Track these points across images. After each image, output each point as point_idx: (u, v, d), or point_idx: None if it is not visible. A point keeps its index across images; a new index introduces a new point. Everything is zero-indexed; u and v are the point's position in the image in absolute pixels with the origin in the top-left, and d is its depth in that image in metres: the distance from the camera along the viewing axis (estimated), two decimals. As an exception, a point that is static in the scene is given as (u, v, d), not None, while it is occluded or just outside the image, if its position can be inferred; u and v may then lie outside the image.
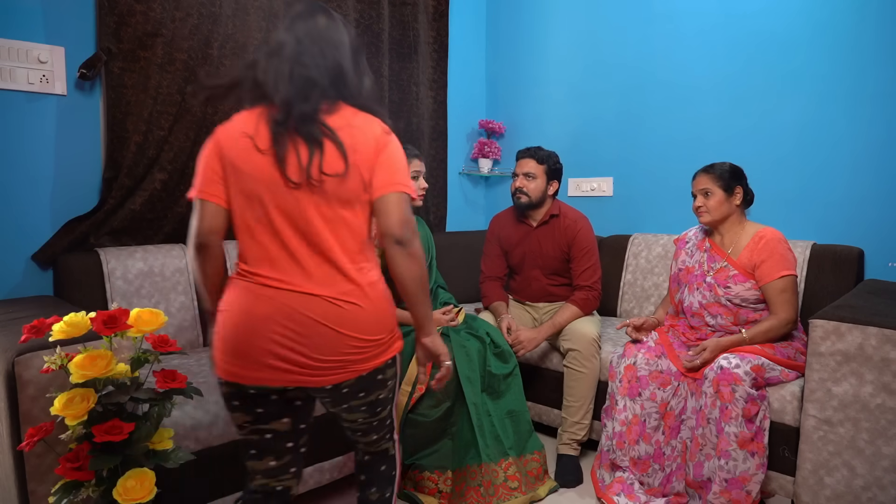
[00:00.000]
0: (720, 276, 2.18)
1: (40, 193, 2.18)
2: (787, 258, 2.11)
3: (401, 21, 3.17)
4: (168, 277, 2.29)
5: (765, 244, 2.12)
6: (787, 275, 2.08)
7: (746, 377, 1.93)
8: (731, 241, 2.21)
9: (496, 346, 2.29)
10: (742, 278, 2.14)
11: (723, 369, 1.96)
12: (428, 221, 3.42)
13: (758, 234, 2.16)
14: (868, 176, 2.43)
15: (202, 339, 2.35)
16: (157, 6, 2.25)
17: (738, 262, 2.17)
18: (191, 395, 1.47)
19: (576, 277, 2.57)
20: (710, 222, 2.23)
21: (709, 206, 2.20)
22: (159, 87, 2.30)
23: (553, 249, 2.60)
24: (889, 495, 1.75)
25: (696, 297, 2.24)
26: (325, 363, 1.26)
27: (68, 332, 1.36)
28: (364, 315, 1.28)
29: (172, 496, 1.58)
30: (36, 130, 2.16)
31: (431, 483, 2.12)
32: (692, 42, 2.89)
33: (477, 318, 2.41)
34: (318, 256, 1.26)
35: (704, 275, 2.24)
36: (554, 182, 2.59)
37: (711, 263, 2.23)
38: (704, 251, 2.28)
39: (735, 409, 1.92)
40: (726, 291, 2.17)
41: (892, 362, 1.73)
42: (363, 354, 1.29)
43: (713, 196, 2.19)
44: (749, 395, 1.92)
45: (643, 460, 2.13)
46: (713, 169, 2.21)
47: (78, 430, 1.34)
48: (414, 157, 2.20)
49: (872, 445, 1.77)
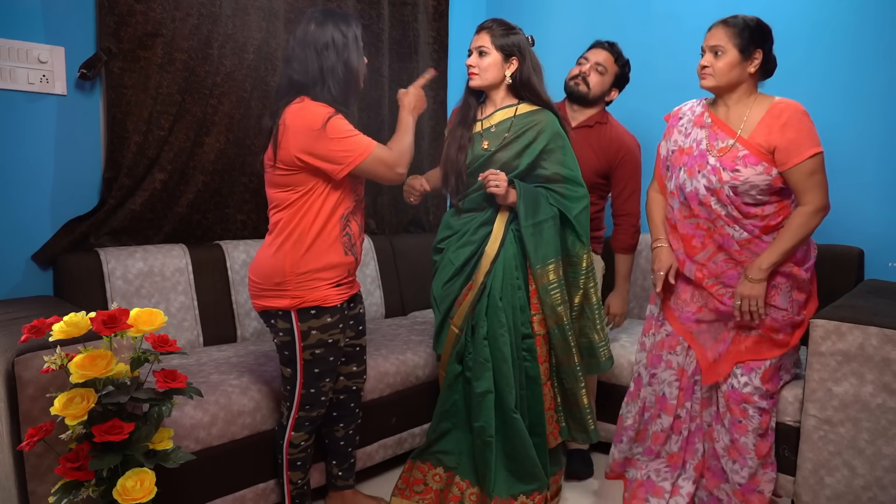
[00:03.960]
0: (727, 158, 1.82)
1: (40, 193, 2.18)
2: (815, 133, 1.78)
3: (401, 21, 3.16)
4: (168, 277, 2.29)
5: (788, 118, 1.77)
6: (816, 153, 1.75)
7: (756, 393, 1.88)
8: (740, 116, 1.84)
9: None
10: (754, 160, 1.79)
11: (733, 389, 1.89)
12: (427, 221, 3.41)
13: (774, 106, 1.80)
14: (868, 176, 2.43)
15: (202, 339, 2.35)
16: (157, 6, 2.25)
17: (749, 140, 1.80)
18: (191, 395, 1.47)
19: (619, 201, 2.37)
20: (713, 88, 1.86)
21: (715, 68, 1.82)
22: (159, 87, 2.30)
23: (591, 157, 2.32)
24: (889, 495, 1.75)
25: (700, 182, 1.88)
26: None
27: (68, 332, 1.36)
28: (254, 263, 1.77)
29: (172, 496, 1.58)
30: (36, 130, 2.15)
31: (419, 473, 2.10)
32: (692, 42, 2.89)
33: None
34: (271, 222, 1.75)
35: (705, 155, 1.87)
36: (615, 90, 2.39)
37: (714, 142, 1.87)
38: (703, 127, 1.92)
39: (750, 425, 1.88)
40: (734, 176, 1.81)
41: (893, 362, 1.73)
42: (252, 291, 1.77)
43: (724, 56, 1.81)
44: (761, 409, 1.88)
45: (664, 432, 2.04)
46: (734, 22, 1.82)
47: (78, 430, 1.34)
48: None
49: (873, 445, 1.77)
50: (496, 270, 2.02)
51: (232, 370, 2.03)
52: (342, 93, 1.68)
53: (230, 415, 1.85)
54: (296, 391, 1.78)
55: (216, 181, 2.49)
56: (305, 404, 1.79)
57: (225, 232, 2.58)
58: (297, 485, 1.87)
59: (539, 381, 2.05)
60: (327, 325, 1.74)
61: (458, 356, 2.08)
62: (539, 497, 1.99)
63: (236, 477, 1.87)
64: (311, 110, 1.63)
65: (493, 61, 2.00)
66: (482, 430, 1.99)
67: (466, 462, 2.07)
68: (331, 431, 1.98)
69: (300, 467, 1.86)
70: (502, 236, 2.03)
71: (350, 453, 2.02)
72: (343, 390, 1.96)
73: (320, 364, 1.77)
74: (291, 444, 1.82)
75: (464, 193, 2.11)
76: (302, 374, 1.76)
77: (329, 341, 1.76)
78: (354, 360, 1.95)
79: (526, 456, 1.98)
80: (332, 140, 1.63)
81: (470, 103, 2.12)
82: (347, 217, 1.76)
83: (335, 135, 1.63)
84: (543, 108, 2.05)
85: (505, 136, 2.03)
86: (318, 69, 1.65)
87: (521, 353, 2.03)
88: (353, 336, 1.93)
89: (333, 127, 1.63)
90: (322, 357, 1.76)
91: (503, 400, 1.98)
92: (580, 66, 2.36)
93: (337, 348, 1.79)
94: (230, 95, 2.48)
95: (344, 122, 1.65)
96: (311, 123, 1.62)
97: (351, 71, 1.68)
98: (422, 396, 2.35)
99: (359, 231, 1.82)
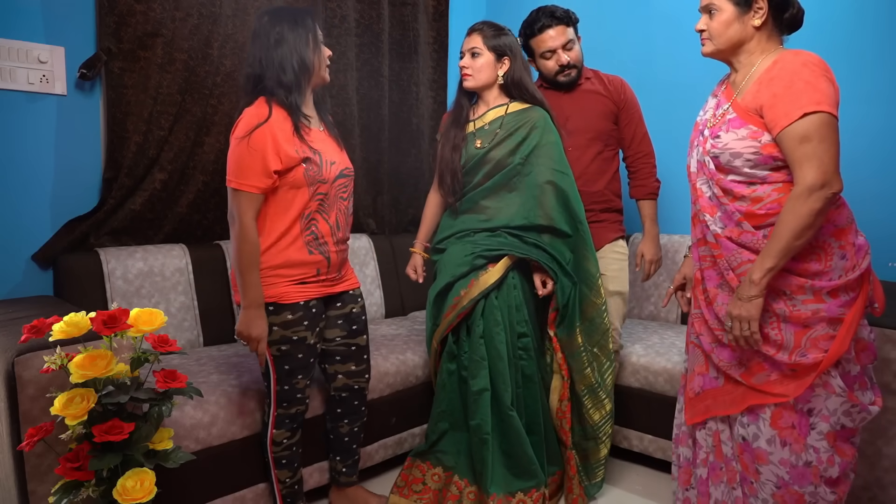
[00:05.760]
0: (716, 126, 1.52)
1: (40, 193, 2.18)
2: (817, 87, 1.35)
3: (401, 21, 3.16)
4: (168, 277, 2.29)
5: (780, 70, 1.40)
6: (812, 112, 1.33)
7: (771, 447, 1.45)
8: (745, 77, 1.51)
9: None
10: (738, 122, 1.45)
11: (745, 441, 1.51)
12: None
13: (777, 59, 1.44)
14: (867, 176, 2.43)
15: (202, 339, 2.35)
16: (157, 6, 2.25)
17: (741, 102, 1.48)
18: (191, 395, 1.47)
19: (633, 144, 2.32)
20: (714, 53, 1.55)
21: (711, 30, 1.51)
22: (159, 87, 2.30)
23: (596, 102, 2.26)
24: (889, 495, 1.75)
25: (693, 157, 1.61)
26: None
27: (68, 332, 1.36)
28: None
29: (172, 496, 1.58)
30: (36, 130, 2.15)
31: (419, 472, 2.10)
32: (692, 42, 2.89)
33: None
34: None
35: (705, 125, 1.57)
36: (578, 39, 2.28)
37: (717, 110, 1.56)
38: (715, 97, 1.62)
39: (762, 493, 1.49)
40: (713, 143, 1.48)
41: (892, 362, 1.73)
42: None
43: (719, 13, 1.48)
44: (780, 479, 1.45)
45: (684, 467, 1.71)
46: None
47: (78, 430, 1.34)
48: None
49: (872, 445, 1.77)
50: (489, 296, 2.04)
51: (232, 370, 2.03)
52: (293, 82, 1.72)
53: (230, 415, 1.85)
54: (271, 388, 1.80)
55: (216, 181, 2.49)
56: (282, 401, 1.81)
57: (225, 232, 2.57)
58: (287, 483, 1.87)
59: (536, 380, 2.07)
60: (289, 322, 1.75)
61: (449, 355, 2.09)
62: (537, 494, 1.99)
63: (236, 477, 1.87)
64: (243, 118, 1.69)
65: (485, 62, 2.03)
66: (479, 428, 1.99)
67: (464, 461, 2.07)
68: (335, 427, 2.00)
69: (286, 465, 1.86)
70: (500, 276, 2.03)
71: (354, 450, 2.03)
72: (344, 388, 1.96)
73: (289, 361, 1.77)
74: (274, 441, 1.83)
75: (460, 194, 2.12)
76: (273, 370, 1.78)
77: (294, 338, 1.76)
78: (352, 360, 1.95)
79: (523, 453, 1.99)
80: (233, 151, 1.67)
81: (462, 104, 2.15)
82: (311, 216, 1.76)
83: (237, 148, 1.66)
84: (535, 106, 2.08)
85: (497, 133, 2.05)
86: (269, 61, 1.70)
87: (517, 352, 2.05)
88: (346, 335, 1.93)
89: (241, 142, 1.65)
90: (289, 353, 1.77)
91: (499, 398, 2.00)
92: (550, 59, 2.22)
93: (305, 346, 1.79)
94: (230, 95, 2.48)
95: (252, 146, 1.64)
96: (237, 128, 1.68)
97: (304, 63, 1.72)
98: (422, 396, 2.35)
99: (331, 230, 1.80)
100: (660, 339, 2.53)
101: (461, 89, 2.13)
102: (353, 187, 1.90)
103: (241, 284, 1.68)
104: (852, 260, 1.46)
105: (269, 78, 1.71)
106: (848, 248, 1.46)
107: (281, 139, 1.67)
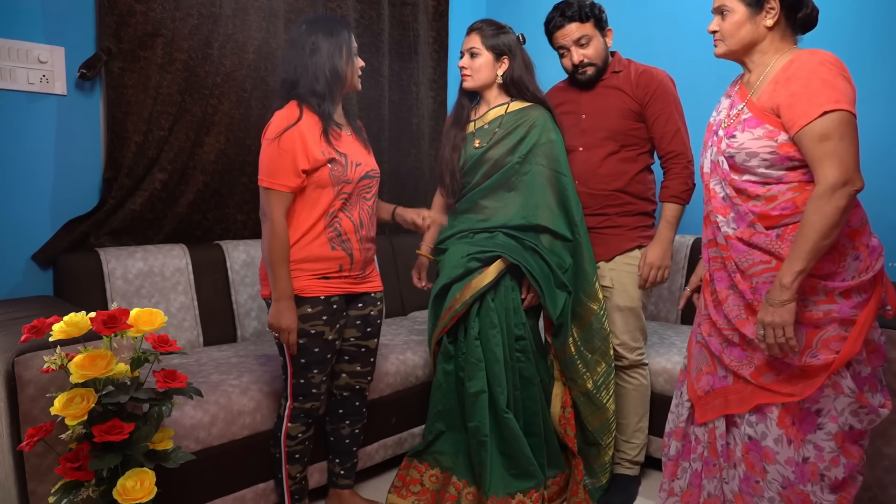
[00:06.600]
0: (731, 126, 1.50)
1: (40, 193, 2.18)
2: (835, 85, 1.34)
3: (401, 21, 3.16)
4: (168, 277, 2.29)
5: (797, 68, 1.39)
6: (831, 110, 1.32)
7: (778, 446, 1.45)
8: (759, 77, 1.50)
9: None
10: (754, 122, 1.44)
11: (752, 440, 1.50)
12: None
13: (793, 59, 1.43)
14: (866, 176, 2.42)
15: (202, 339, 2.35)
16: (157, 6, 2.25)
17: (757, 101, 1.47)
18: (191, 395, 1.47)
19: (663, 142, 2.08)
20: (727, 54, 1.54)
21: (724, 31, 1.50)
22: (159, 87, 2.30)
23: (614, 100, 2.10)
24: (889, 495, 1.75)
25: (707, 157, 1.59)
26: None
27: (68, 332, 1.36)
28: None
29: (172, 496, 1.58)
30: (36, 130, 2.15)
31: (416, 473, 2.10)
32: (692, 42, 2.89)
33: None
34: None
35: (719, 126, 1.56)
36: (609, 30, 2.13)
37: (731, 111, 1.55)
38: (728, 97, 1.60)
39: (768, 492, 1.49)
40: (729, 143, 1.48)
41: (893, 362, 1.73)
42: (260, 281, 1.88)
43: (731, 15, 1.47)
44: (786, 479, 1.45)
45: (673, 460, 1.72)
46: None
47: (78, 430, 1.34)
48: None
49: (872, 446, 1.77)
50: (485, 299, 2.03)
51: (232, 370, 2.03)
52: (325, 90, 1.77)
53: (230, 415, 1.85)
54: (288, 381, 1.81)
55: (216, 181, 2.50)
56: (298, 395, 1.82)
57: (225, 232, 2.58)
58: (296, 479, 1.88)
59: (535, 382, 2.06)
60: (307, 316, 1.77)
61: (446, 356, 2.09)
62: (536, 495, 1.99)
63: (236, 477, 1.87)
64: (274, 120, 1.74)
65: (484, 62, 2.03)
66: (477, 430, 1.99)
67: (462, 462, 2.06)
68: (336, 429, 2.00)
69: (298, 460, 1.87)
70: (493, 279, 2.00)
71: (353, 452, 2.03)
72: (346, 387, 1.96)
73: (305, 354, 1.79)
74: (289, 435, 1.84)
75: (459, 194, 2.11)
76: (290, 363, 1.80)
77: (311, 332, 1.78)
78: (359, 361, 1.95)
79: (521, 454, 1.98)
80: (264, 152, 1.74)
81: (463, 104, 2.15)
82: (335, 214, 1.79)
83: (268, 149, 1.72)
84: (536, 105, 2.07)
85: (495, 132, 2.05)
86: (304, 69, 1.76)
87: (514, 354, 2.04)
88: (359, 336, 1.93)
89: (272, 143, 1.71)
90: (306, 347, 1.79)
91: (495, 400, 1.99)
92: (566, 57, 2.13)
93: (322, 340, 1.80)
94: (230, 95, 2.48)
95: (282, 147, 1.70)
96: (268, 130, 1.74)
97: (336, 73, 1.77)
98: (422, 396, 2.34)
99: (354, 227, 1.83)
100: (660, 339, 2.53)
101: (462, 89, 2.13)
102: (377, 188, 1.93)
103: (271, 277, 1.74)
104: (866, 261, 1.45)
105: (303, 86, 1.76)
106: (861, 249, 1.45)
107: (309, 140, 1.72)
